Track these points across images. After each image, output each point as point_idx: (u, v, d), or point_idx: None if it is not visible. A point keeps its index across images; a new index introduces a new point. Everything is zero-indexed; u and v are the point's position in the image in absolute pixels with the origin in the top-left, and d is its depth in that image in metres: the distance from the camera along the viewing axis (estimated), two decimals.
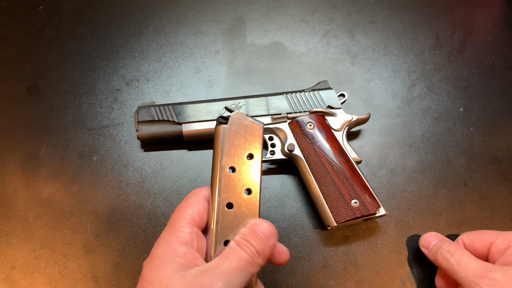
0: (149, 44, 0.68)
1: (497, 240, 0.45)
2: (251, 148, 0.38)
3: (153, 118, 0.56)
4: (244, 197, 0.38)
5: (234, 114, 0.39)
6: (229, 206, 0.38)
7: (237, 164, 0.38)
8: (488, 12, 0.69)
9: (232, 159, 0.38)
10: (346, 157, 0.52)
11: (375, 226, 0.55)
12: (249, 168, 0.38)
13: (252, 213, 0.38)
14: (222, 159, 0.38)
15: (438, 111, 0.62)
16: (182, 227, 0.37)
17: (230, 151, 0.38)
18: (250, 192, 0.38)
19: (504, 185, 0.57)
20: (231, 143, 0.38)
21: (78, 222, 0.56)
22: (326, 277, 0.52)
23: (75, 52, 0.67)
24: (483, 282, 0.40)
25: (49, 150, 0.60)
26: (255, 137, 0.39)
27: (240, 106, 0.57)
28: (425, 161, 0.59)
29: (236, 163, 0.38)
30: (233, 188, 0.38)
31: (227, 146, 0.38)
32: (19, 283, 0.53)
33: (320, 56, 0.66)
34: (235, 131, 0.38)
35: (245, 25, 0.69)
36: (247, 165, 0.38)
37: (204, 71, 0.65)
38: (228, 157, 0.38)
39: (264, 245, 0.36)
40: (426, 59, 0.66)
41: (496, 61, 0.65)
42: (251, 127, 0.39)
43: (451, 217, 0.55)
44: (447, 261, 0.44)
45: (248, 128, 0.39)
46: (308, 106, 0.56)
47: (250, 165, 0.38)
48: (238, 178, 0.38)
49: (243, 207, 0.38)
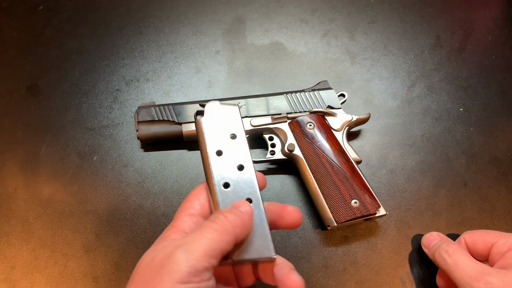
0: (149, 44, 0.68)
1: (499, 241, 0.44)
2: (232, 129, 0.40)
3: (153, 118, 0.56)
4: (238, 173, 0.39)
5: (208, 104, 0.41)
6: (226, 186, 0.38)
7: (223, 147, 0.40)
8: (488, 12, 0.69)
9: (217, 144, 0.40)
10: (346, 157, 0.52)
11: (375, 226, 0.55)
12: (235, 146, 0.40)
13: (250, 185, 0.39)
14: (207, 147, 0.39)
15: (438, 111, 0.62)
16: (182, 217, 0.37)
17: (213, 137, 0.40)
18: (243, 167, 0.39)
19: (504, 185, 0.57)
20: (212, 131, 0.40)
21: (78, 222, 0.56)
22: (326, 277, 0.52)
23: (75, 52, 0.67)
24: (479, 285, 0.40)
25: (49, 150, 0.60)
26: (233, 118, 0.41)
27: (240, 106, 0.57)
28: (425, 161, 0.59)
29: (222, 146, 0.40)
30: (225, 168, 0.39)
31: (209, 134, 0.40)
32: (19, 283, 0.53)
33: (320, 56, 0.66)
34: (212, 119, 0.40)
35: (245, 25, 0.69)
36: (232, 144, 0.40)
37: (204, 71, 0.65)
38: (212, 144, 0.39)
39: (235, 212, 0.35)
40: (426, 59, 0.66)
41: (496, 61, 0.65)
42: (227, 110, 0.41)
43: (451, 217, 0.55)
44: (444, 261, 0.44)
45: (224, 112, 0.41)
46: (308, 106, 0.56)
47: (235, 144, 0.40)
48: (227, 158, 0.39)
49: (240, 182, 0.39)
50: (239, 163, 0.39)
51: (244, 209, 0.36)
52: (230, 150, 0.40)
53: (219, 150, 0.39)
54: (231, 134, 0.40)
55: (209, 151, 0.39)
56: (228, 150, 0.40)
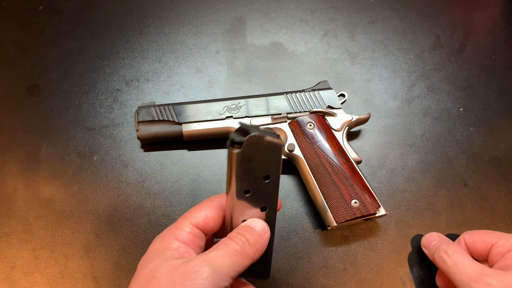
0: (149, 44, 0.68)
1: (499, 242, 0.44)
2: (268, 170, 0.34)
3: (153, 118, 0.56)
4: (259, 214, 0.37)
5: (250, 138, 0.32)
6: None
7: (253, 187, 0.35)
8: (488, 12, 0.69)
9: (247, 183, 0.35)
10: (346, 157, 0.52)
11: (375, 226, 0.55)
12: (265, 188, 0.35)
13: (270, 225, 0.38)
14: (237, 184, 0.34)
15: (438, 111, 0.62)
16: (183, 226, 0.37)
17: (244, 176, 0.34)
18: (266, 209, 0.37)
19: (504, 185, 0.57)
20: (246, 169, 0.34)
21: (78, 222, 0.56)
22: (326, 277, 0.52)
23: (75, 52, 0.67)
24: (478, 286, 0.40)
25: (49, 150, 0.60)
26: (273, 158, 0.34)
27: (240, 106, 0.57)
28: (425, 161, 0.59)
29: (251, 186, 0.35)
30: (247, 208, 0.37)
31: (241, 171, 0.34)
32: (19, 283, 0.53)
33: (320, 56, 0.66)
34: (250, 155, 0.33)
35: (245, 25, 0.69)
36: (263, 186, 0.35)
37: (204, 71, 0.65)
38: (242, 182, 0.34)
39: (256, 237, 0.36)
40: (426, 59, 0.66)
41: (496, 61, 0.65)
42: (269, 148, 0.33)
43: (451, 217, 0.55)
44: (443, 261, 0.44)
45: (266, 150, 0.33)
46: (308, 106, 0.56)
47: (266, 186, 0.35)
48: (253, 199, 0.36)
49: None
50: (264, 205, 0.37)
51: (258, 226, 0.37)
52: (259, 191, 0.35)
53: (248, 189, 0.35)
54: (265, 174, 0.35)
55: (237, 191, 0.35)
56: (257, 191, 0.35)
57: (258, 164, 0.34)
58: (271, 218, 0.38)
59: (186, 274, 0.32)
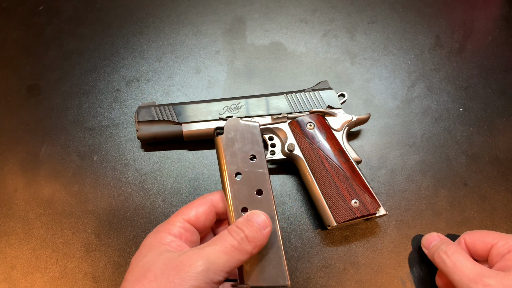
0: (149, 44, 0.68)
1: (499, 243, 0.44)
2: (252, 149, 0.39)
3: (153, 118, 0.56)
4: (256, 198, 0.38)
5: (228, 121, 0.39)
6: (244, 210, 0.38)
7: (242, 169, 0.39)
8: (488, 12, 0.69)
9: (236, 165, 0.39)
10: (346, 157, 0.52)
11: (375, 226, 0.55)
12: (254, 169, 0.39)
13: (269, 212, 0.38)
14: (227, 168, 0.38)
15: (438, 111, 0.62)
16: (175, 221, 0.38)
17: (232, 158, 0.39)
18: (261, 192, 0.39)
19: (504, 185, 0.57)
20: (231, 150, 0.39)
21: (78, 222, 0.56)
22: (326, 277, 0.52)
23: (75, 52, 0.67)
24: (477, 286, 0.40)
25: (49, 150, 0.60)
26: (253, 138, 0.40)
27: (240, 106, 0.57)
28: (425, 161, 0.59)
29: (241, 168, 0.39)
30: (243, 192, 0.38)
31: (228, 154, 0.39)
32: (19, 283, 0.53)
33: (320, 56, 0.66)
34: (232, 138, 0.39)
35: (245, 25, 0.69)
36: (252, 166, 0.39)
37: (204, 71, 0.65)
38: (231, 165, 0.39)
39: (256, 233, 0.36)
40: (426, 59, 0.66)
41: (496, 61, 0.65)
42: (247, 129, 0.40)
43: (451, 217, 0.55)
44: (443, 262, 0.44)
45: (244, 131, 0.39)
46: (308, 106, 0.56)
47: (255, 166, 0.39)
48: (246, 182, 0.38)
49: (259, 208, 0.38)
50: (258, 187, 0.39)
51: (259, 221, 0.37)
52: (249, 172, 0.39)
53: (238, 172, 0.39)
54: (250, 155, 0.39)
55: (229, 174, 0.38)
56: (247, 172, 0.39)
57: (242, 145, 0.39)
58: (269, 205, 0.39)
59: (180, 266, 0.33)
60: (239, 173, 0.39)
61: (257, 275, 0.37)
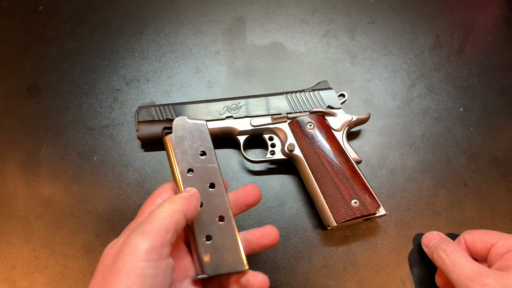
0: (149, 44, 0.68)
1: (498, 242, 0.44)
2: (201, 146, 0.40)
3: (153, 118, 0.56)
4: (209, 191, 0.40)
5: (175, 121, 0.40)
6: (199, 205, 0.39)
7: (194, 165, 0.40)
8: (488, 12, 0.69)
9: (187, 162, 0.40)
10: (346, 157, 0.52)
11: (375, 226, 0.55)
12: (205, 164, 0.40)
13: (222, 203, 0.40)
14: (179, 166, 0.39)
15: (438, 111, 0.62)
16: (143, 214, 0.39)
17: (182, 156, 0.40)
18: (213, 185, 0.40)
19: (504, 185, 0.57)
20: (181, 149, 0.40)
21: (78, 222, 0.56)
22: (326, 277, 0.52)
23: (75, 52, 0.67)
24: (474, 286, 0.40)
25: (49, 150, 0.60)
26: (202, 135, 0.41)
27: (240, 106, 0.57)
28: (425, 161, 0.59)
29: (192, 164, 0.40)
30: (197, 187, 0.39)
31: (179, 152, 0.40)
32: (19, 283, 0.53)
33: (320, 56, 0.66)
34: (181, 136, 0.40)
35: (245, 25, 0.69)
36: (203, 162, 0.40)
37: (204, 71, 0.65)
38: (183, 162, 0.40)
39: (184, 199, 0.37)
40: (426, 59, 0.66)
41: (496, 61, 0.65)
42: (194, 127, 0.41)
43: (451, 217, 0.55)
44: (442, 260, 0.45)
45: (192, 129, 0.41)
46: (308, 106, 0.56)
47: (205, 161, 0.40)
48: (198, 177, 0.40)
49: (211, 201, 0.39)
50: (210, 182, 0.40)
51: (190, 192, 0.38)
52: (200, 168, 0.40)
53: (190, 168, 0.40)
54: (201, 151, 0.40)
55: (179, 170, 0.39)
56: (198, 168, 0.40)
57: (191, 143, 0.40)
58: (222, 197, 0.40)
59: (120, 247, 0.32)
60: (191, 170, 0.40)
61: (215, 264, 0.38)
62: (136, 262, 0.31)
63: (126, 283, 0.30)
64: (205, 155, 0.40)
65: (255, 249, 0.41)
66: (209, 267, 0.38)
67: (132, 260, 0.31)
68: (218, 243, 0.39)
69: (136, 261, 0.31)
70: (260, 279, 0.39)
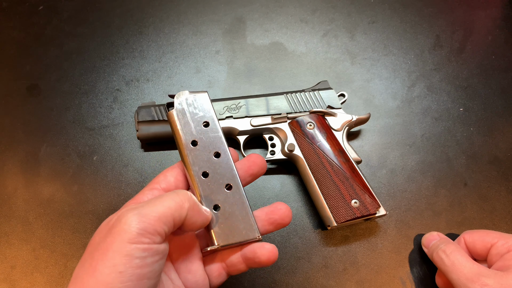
0: (149, 44, 0.68)
1: (498, 242, 0.44)
2: (204, 117, 0.40)
3: (153, 118, 0.56)
4: (215, 160, 0.39)
5: (177, 95, 0.41)
6: (205, 175, 0.39)
7: (197, 136, 0.40)
8: (488, 12, 0.69)
9: (191, 134, 0.40)
10: (346, 157, 0.52)
11: (375, 226, 0.55)
12: (209, 134, 0.40)
13: (228, 172, 0.39)
14: (183, 138, 0.39)
15: (438, 111, 0.62)
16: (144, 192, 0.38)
17: (186, 128, 0.40)
18: (219, 154, 0.40)
19: (504, 185, 0.57)
20: (184, 121, 0.40)
21: (78, 222, 0.56)
22: (326, 277, 0.52)
23: (75, 52, 0.67)
24: (474, 286, 0.40)
25: (49, 150, 0.60)
26: (204, 106, 0.41)
27: (240, 106, 0.57)
28: (425, 161, 0.59)
29: (196, 135, 0.40)
30: (202, 158, 0.39)
31: (182, 124, 0.40)
32: (19, 283, 0.53)
33: (320, 56, 0.66)
34: (183, 109, 0.40)
35: (245, 25, 0.69)
36: (206, 133, 0.40)
37: (204, 71, 0.65)
38: (186, 134, 0.40)
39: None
40: (426, 59, 0.66)
41: (496, 61, 0.65)
42: (196, 98, 0.41)
43: (451, 217, 0.55)
44: (442, 261, 0.45)
45: (194, 101, 0.41)
46: (308, 106, 0.56)
47: (209, 132, 0.40)
48: (203, 148, 0.39)
49: (218, 170, 0.39)
50: (215, 151, 0.40)
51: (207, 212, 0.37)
52: (204, 139, 0.40)
53: (194, 140, 0.40)
54: (204, 122, 0.40)
55: (184, 143, 0.39)
56: (203, 139, 0.40)
57: (194, 115, 0.40)
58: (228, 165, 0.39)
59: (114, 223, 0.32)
60: (195, 141, 0.40)
61: (226, 234, 0.37)
62: (125, 242, 0.30)
63: (112, 262, 0.29)
64: (209, 125, 0.40)
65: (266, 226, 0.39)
66: (219, 238, 0.37)
67: (122, 239, 0.30)
68: (227, 212, 0.38)
69: (125, 241, 0.30)
70: (268, 249, 0.37)
